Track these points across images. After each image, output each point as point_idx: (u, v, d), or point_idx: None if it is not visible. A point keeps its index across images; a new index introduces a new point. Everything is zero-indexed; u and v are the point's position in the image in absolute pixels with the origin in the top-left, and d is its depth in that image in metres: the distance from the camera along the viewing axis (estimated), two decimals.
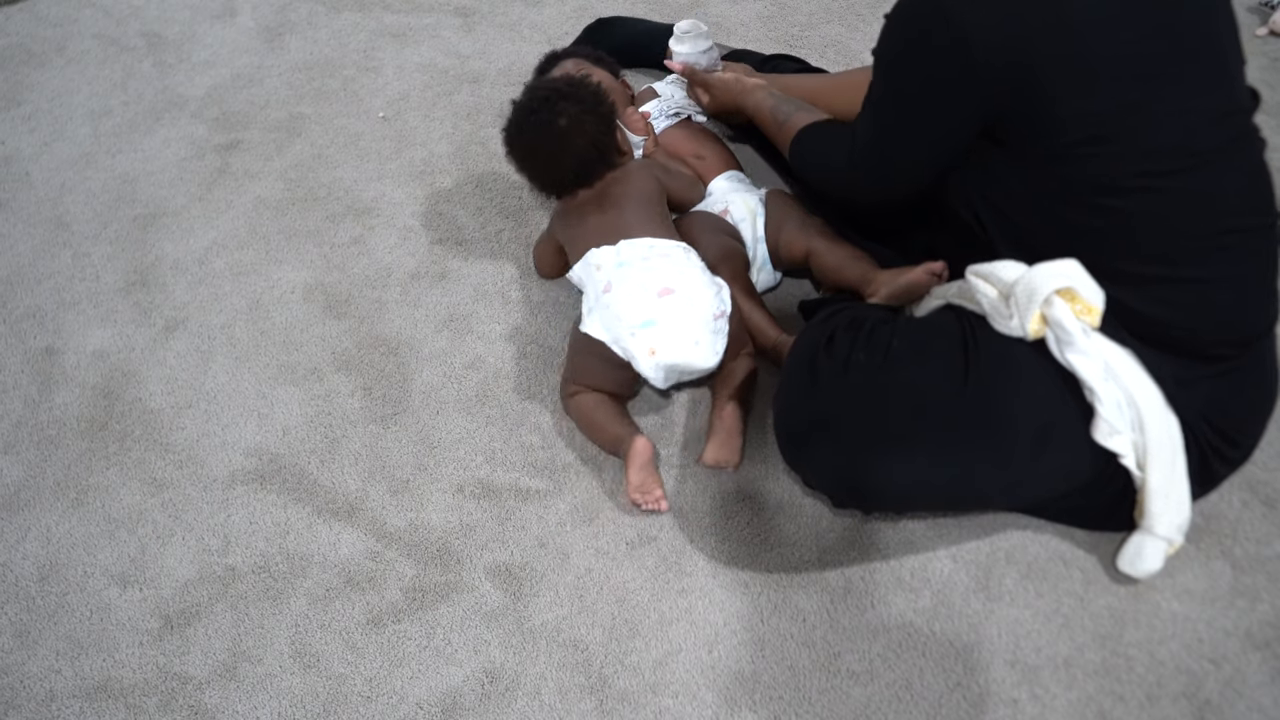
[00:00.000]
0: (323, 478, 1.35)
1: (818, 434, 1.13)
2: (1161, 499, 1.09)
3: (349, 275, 1.60)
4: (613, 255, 1.33)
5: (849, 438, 1.10)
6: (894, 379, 1.09)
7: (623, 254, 1.33)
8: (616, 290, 1.29)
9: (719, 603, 1.20)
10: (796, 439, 1.16)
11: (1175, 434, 1.07)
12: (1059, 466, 1.10)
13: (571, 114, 1.38)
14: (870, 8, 2.02)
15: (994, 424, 1.06)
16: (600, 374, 1.31)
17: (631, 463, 1.24)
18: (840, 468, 1.12)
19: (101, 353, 1.52)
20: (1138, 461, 1.08)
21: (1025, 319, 1.04)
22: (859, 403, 1.10)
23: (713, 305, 1.29)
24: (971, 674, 1.12)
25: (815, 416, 1.13)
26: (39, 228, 1.72)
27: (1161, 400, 1.06)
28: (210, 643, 1.20)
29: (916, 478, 1.08)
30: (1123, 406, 1.06)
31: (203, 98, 1.95)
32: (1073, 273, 1.04)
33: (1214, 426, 1.10)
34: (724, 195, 1.51)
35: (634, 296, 1.28)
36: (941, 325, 1.13)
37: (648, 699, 1.12)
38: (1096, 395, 1.05)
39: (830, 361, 1.12)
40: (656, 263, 1.30)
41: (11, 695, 1.17)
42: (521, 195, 1.69)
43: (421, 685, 1.15)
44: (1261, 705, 1.08)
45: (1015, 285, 1.05)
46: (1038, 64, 1.02)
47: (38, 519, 1.34)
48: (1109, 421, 1.05)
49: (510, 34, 2.03)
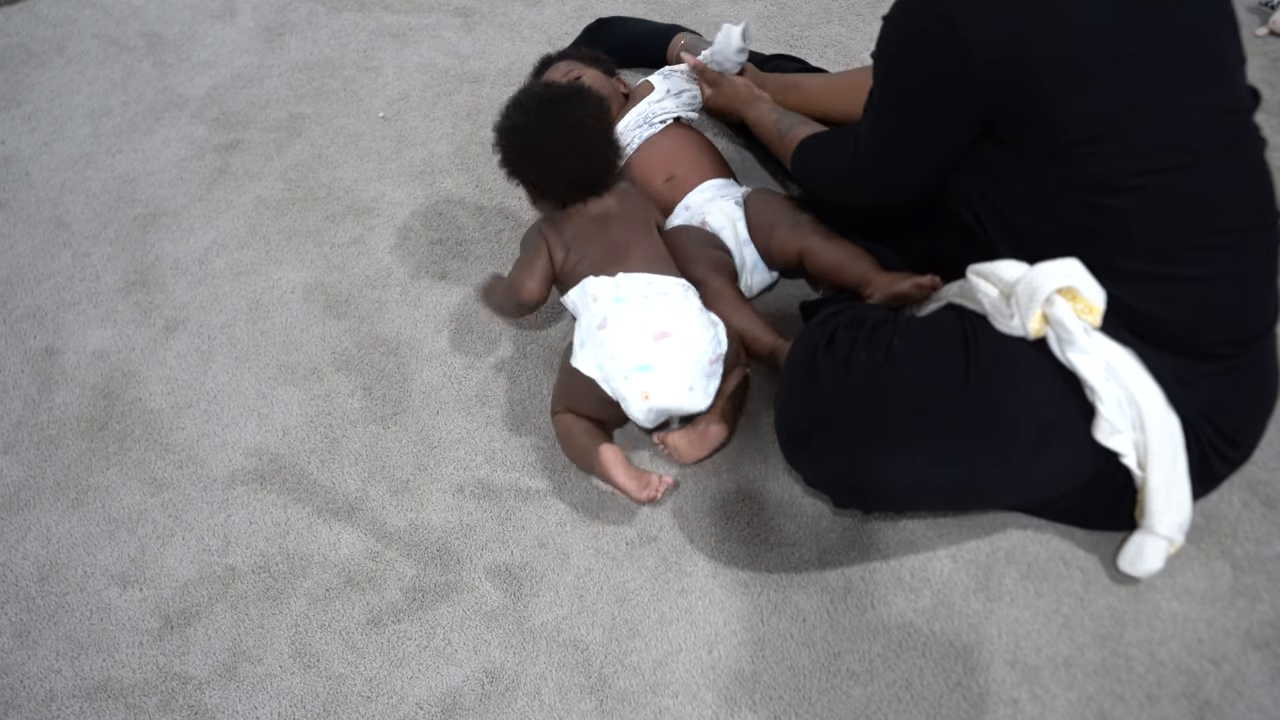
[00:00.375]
0: (323, 478, 1.35)
1: (819, 433, 1.13)
2: (1162, 498, 1.09)
3: (349, 275, 1.60)
4: (611, 288, 1.27)
5: (850, 437, 1.10)
6: (895, 378, 1.09)
7: (621, 288, 1.27)
8: (612, 328, 1.24)
9: (719, 603, 1.20)
10: (797, 438, 1.16)
11: (1176, 433, 1.07)
12: (1060, 466, 1.10)
13: (591, 113, 1.35)
14: (870, 8, 2.02)
15: (995, 423, 1.06)
16: (589, 406, 1.29)
17: (612, 472, 1.20)
18: (841, 467, 1.12)
19: (101, 353, 1.53)
20: (1138, 461, 1.08)
21: (1026, 318, 1.04)
22: (860, 402, 1.10)
23: (709, 349, 1.25)
24: (971, 674, 1.12)
25: (816, 415, 1.13)
26: (39, 228, 1.72)
27: (1163, 399, 1.06)
28: (210, 643, 1.20)
29: (917, 476, 1.08)
30: (1124, 405, 1.05)
31: (203, 98, 1.95)
32: (1074, 272, 1.04)
33: (1215, 425, 1.10)
34: (700, 208, 1.49)
35: (630, 338, 1.23)
36: (942, 325, 1.13)
37: (648, 699, 1.12)
38: (1097, 394, 1.04)
39: (831, 361, 1.12)
40: (655, 301, 1.26)
41: (11, 695, 1.17)
42: (521, 195, 1.69)
43: (421, 685, 1.15)
44: (1261, 705, 1.08)
45: (1016, 285, 1.05)
46: (1037, 64, 1.02)
47: (38, 519, 1.34)
48: (1110, 421, 1.05)
49: (510, 34, 2.03)
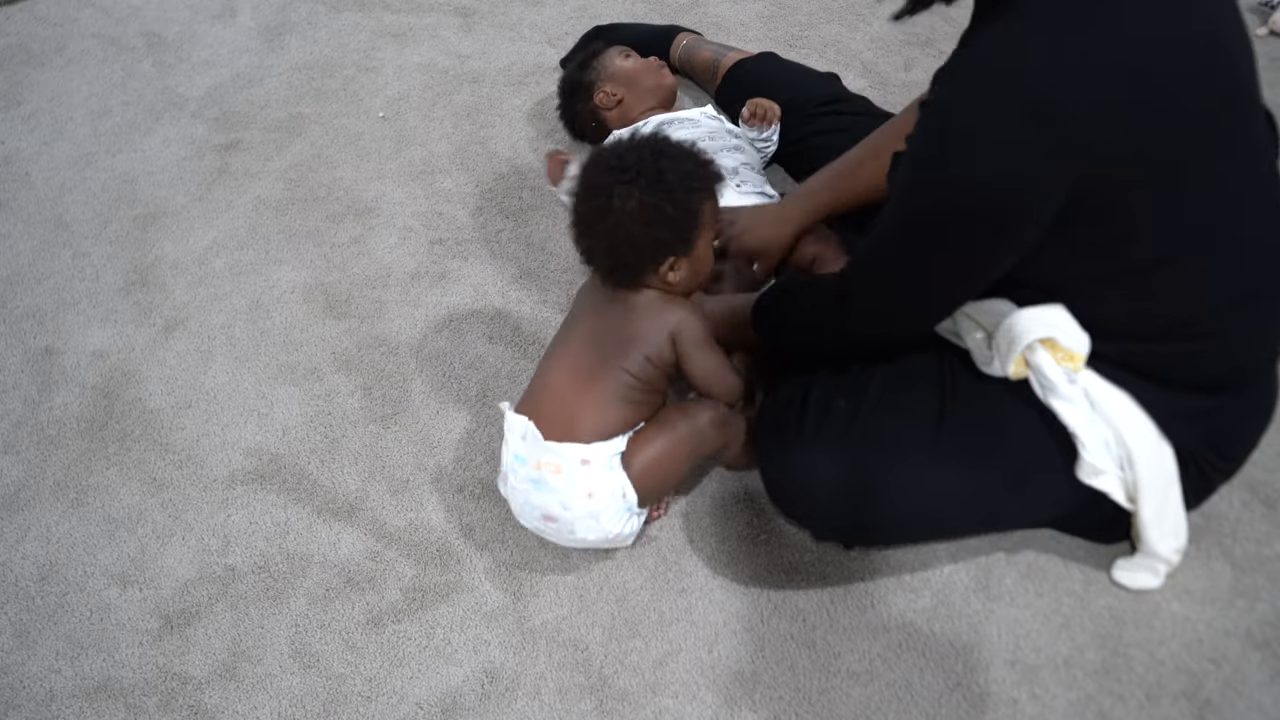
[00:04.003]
0: (323, 478, 1.35)
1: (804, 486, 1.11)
2: (1155, 528, 1.09)
3: (349, 275, 1.60)
4: (516, 438, 1.14)
5: (833, 484, 1.08)
6: (872, 424, 1.09)
7: (518, 447, 1.14)
8: (510, 486, 1.17)
9: (719, 603, 1.19)
10: (782, 492, 1.16)
11: (1169, 467, 1.05)
12: (1042, 499, 1.11)
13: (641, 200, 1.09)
14: (870, 7, 2.02)
15: (970, 465, 1.07)
16: None
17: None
18: (826, 518, 1.13)
19: (101, 353, 1.52)
20: (1128, 495, 1.07)
21: (1006, 363, 1.03)
22: (838, 450, 1.09)
23: (601, 535, 1.15)
24: (971, 674, 1.12)
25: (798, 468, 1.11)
26: (39, 228, 1.72)
27: (1155, 437, 1.04)
28: (210, 643, 1.20)
29: (898, 518, 1.10)
30: (1110, 445, 1.04)
31: (203, 98, 1.95)
32: (1056, 321, 0.99)
33: (1216, 449, 1.09)
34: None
35: (521, 509, 1.18)
36: (921, 368, 1.12)
37: (648, 699, 1.12)
38: (1079, 439, 1.03)
39: (808, 411, 1.12)
40: (539, 480, 1.13)
41: (11, 695, 1.17)
42: (521, 195, 1.69)
43: (421, 685, 1.15)
44: (1262, 705, 1.08)
45: (996, 330, 1.03)
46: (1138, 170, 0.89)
47: (38, 519, 1.34)
48: (1092, 464, 1.04)
49: (510, 34, 2.03)
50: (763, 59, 1.72)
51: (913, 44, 1.93)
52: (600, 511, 1.13)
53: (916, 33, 1.96)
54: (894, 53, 1.92)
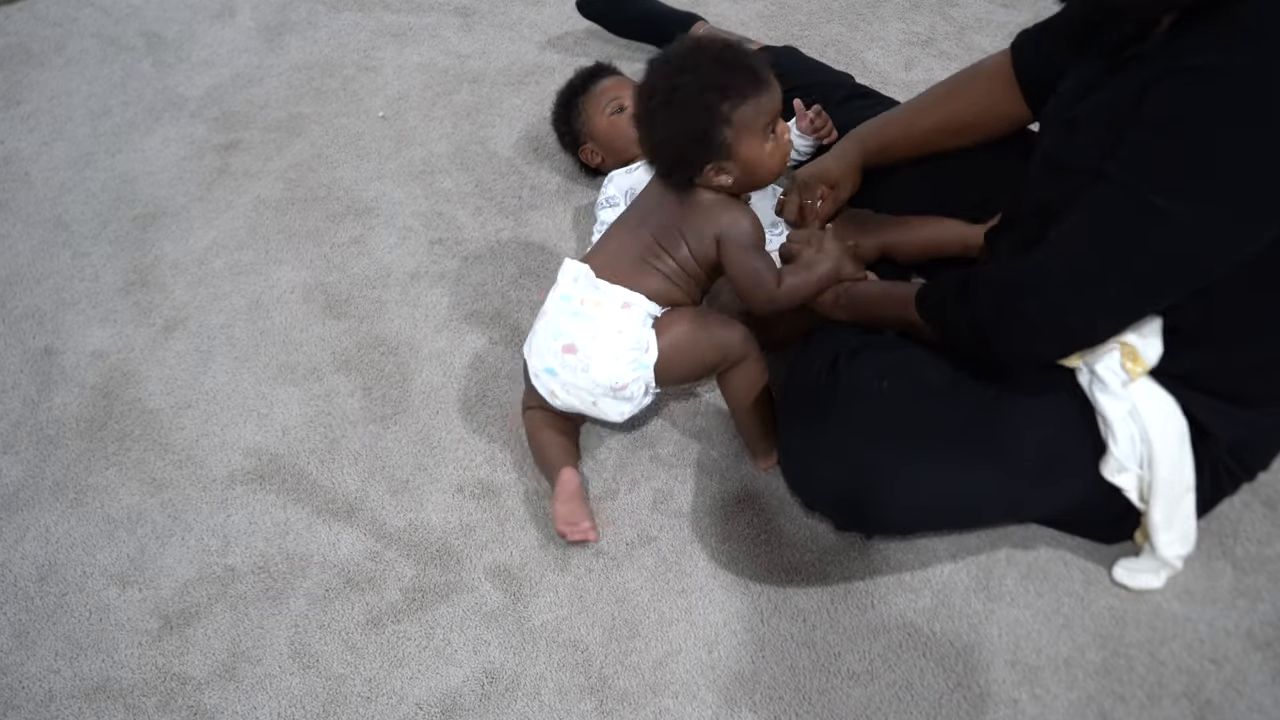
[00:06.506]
0: (322, 478, 1.35)
1: (825, 458, 1.10)
2: (1164, 532, 1.09)
3: (349, 275, 1.60)
4: (568, 279, 1.23)
5: (855, 461, 1.07)
6: (905, 403, 1.08)
7: (571, 285, 1.23)
8: (540, 321, 1.24)
9: (719, 603, 1.19)
10: (802, 460, 1.14)
11: (1187, 475, 1.06)
12: (1063, 490, 1.10)
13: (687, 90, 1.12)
14: (870, 7, 2.02)
15: (1002, 452, 1.06)
16: (538, 397, 1.28)
17: (557, 495, 1.22)
18: (842, 489, 1.08)
19: (101, 353, 1.52)
20: (1141, 495, 1.07)
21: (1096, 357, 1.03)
22: (866, 425, 1.07)
23: (610, 378, 1.19)
24: (972, 674, 1.12)
25: (824, 439, 1.10)
26: (39, 228, 1.72)
27: (1179, 443, 1.04)
28: (209, 643, 1.20)
29: (918, 501, 1.07)
30: (1135, 442, 1.04)
31: (202, 98, 1.95)
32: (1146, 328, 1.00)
33: (1241, 463, 1.10)
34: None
35: (544, 339, 1.23)
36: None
37: (648, 699, 1.12)
38: (1113, 432, 1.04)
39: (836, 385, 1.11)
40: (582, 311, 1.20)
41: (11, 695, 1.17)
42: (521, 195, 1.69)
43: (421, 685, 1.15)
44: (1262, 705, 1.08)
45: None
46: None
47: (37, 519, 1.33)
48: (1119, 459, 1.04)
49: (510, 34, 2.03)
50: (786, 51, 1.70)
51: (913, 44, 1.93)
52: (622, 354, 1.19)
53: (917, 33, 1.96)
54: (894, 52, 1.92)
